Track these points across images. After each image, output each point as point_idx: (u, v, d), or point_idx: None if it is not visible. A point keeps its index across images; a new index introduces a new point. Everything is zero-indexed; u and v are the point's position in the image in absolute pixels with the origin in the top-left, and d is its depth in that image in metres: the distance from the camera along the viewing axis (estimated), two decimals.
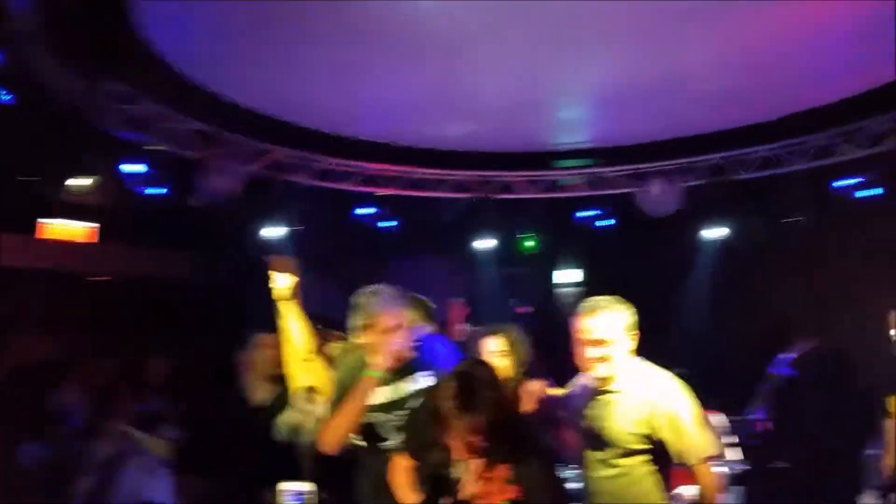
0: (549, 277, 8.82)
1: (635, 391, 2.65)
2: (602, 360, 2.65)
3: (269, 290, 3.09)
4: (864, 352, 5.64)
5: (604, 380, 2.70)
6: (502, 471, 2.33)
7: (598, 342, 2.65)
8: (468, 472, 2.36)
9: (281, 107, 6.66)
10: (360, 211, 8.17)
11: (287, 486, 2.22)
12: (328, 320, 3.67)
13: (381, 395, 2.84)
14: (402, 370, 2.90)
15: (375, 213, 8.22)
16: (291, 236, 7.47)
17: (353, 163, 7.73)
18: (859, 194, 6.49)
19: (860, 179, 6.44)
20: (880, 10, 4.55)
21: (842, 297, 6.44)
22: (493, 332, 3.08)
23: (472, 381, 2.35)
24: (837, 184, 6.63)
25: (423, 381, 2.90)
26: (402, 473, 2.56)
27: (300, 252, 7.51)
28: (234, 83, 6.06)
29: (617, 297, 2.75)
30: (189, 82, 5.89)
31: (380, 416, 2.83)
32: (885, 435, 3.82)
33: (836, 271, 6.64)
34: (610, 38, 5.24)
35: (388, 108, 6.81)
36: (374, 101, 6.60)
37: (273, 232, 7.39)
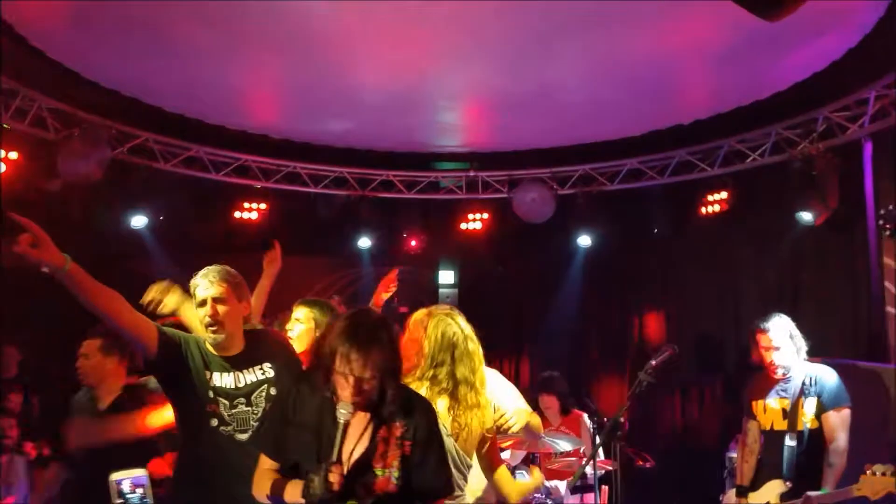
0: (430, 278, 8.87)
1: None
2: None
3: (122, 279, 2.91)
4: (733, 356, 6.11)
5: None
6: (396, 428, 2.18)
7: None
8: (356, 430, 2.18)
9: (150, 91, 6.29)
10: (231, 203, 7.81)
11: (122, 475, 2.04)
12: None
13: (224, 381, 2.76)
14: (245, 358, 2.83)
15: (249, 207, 7.90)
16: (155, 226, 7.04)
17: (227, 153, 7.41)
18: (715, 209, 6.95)
19: (714, 196, 6.91)
20: (739, 39, 4.90)
21: (708, 303, 6.91)
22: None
23: (369, 318, 2.20)
24: (697, 197, 7.06)
25: (269, 371, 2.85)
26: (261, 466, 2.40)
27: (165, 243, 7.11)
28: (97, 64, 5.69)
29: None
30: (45, 57, 5.45)
31: (223, 402, 2.74)
32: (748, 436, 4.03)
33: (699, 278, 7.12)
34: (487, 44, 5.32)
35: (265, 99, 6.61)
36: (249, 92, 6.38)
37: (136, 220, 6.93)
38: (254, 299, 3.53)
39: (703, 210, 7.00)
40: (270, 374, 2.86)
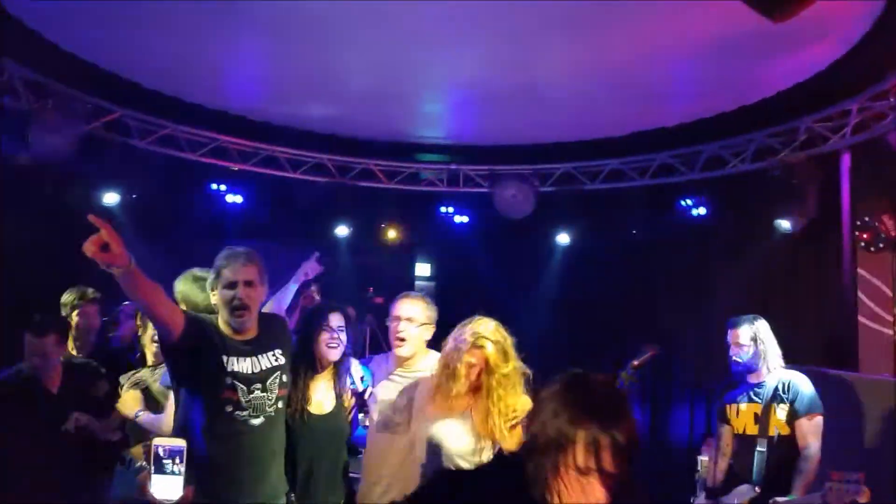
0: (407, 269, 8.83)
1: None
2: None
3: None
4: (705, 360, 6.16)
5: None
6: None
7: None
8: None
9: (129, 66, 6.14)
10: (207, 185, 7.68)
11: (161, 441, 1.99)
12: None
13: (242, 366, 2.73)
14: (259, 343, 2.81)
15: (225, 190, 7.77)
16: (127, 204, 6.87)
17: (204, 133, 7.26)
18: (694, 213, 7.02)
19: (695, 200, 6.96)
20: (727, 44, 4.91)
21: (683, 305, 6.97)
22: (337, 309, 3.13)
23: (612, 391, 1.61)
24: (675, 201, 7.11)
25: (280, 357, 2.84)
26: None
27: (138, 222, 6.95)
28: (76, 36, 5.52)
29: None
30: (23, 26, 5.27)
31: (241, 387, 2.71)
32: (721, 440, 4.04)
33: (675, 281, 7.18)
34: (474, 37, 5.28)
35: (247, 80, 6.49)
36: (231, 72, 6.25)
37: (108, 197, 6.76)
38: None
39: (682, 213, 7.05)
40: (282, 360, 2.86)
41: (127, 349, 4.32)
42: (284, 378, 2.85)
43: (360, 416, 3.35)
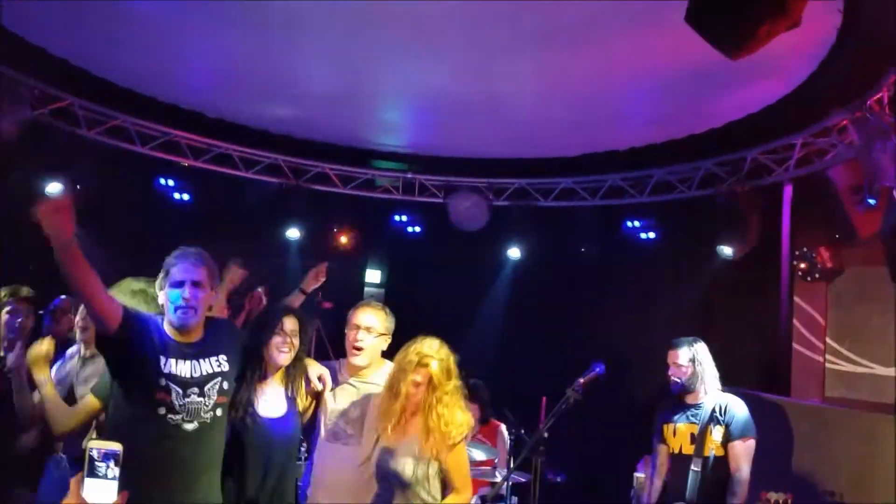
0: (357, 276, 8.76)
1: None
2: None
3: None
4: (645, 378, 6.28)
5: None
6: None
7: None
8: None
9: (80, 54, 5.95)
10: (155, 180, 7.48)
11: (97, 444, 1.91)
12: None
13: (180, 368, 2.66)
14: (203, 347, 2.74)
15: (174, 186, 7.58)
16: (70, 194, 6.63)
17: (155, 126, 7.07)
18: (641, 235, 7.19)
19: (642, 222, 7.14)
20: (683, 73, 5.06)
21: (627, 325, 7.10)
22: (292, 312, 3.06)
23: None
24: (623, 222, 7.28)
25: (223, 364, 2.77)
26: None
27: (78, 213, 6.69)
28: (24, 19, 5.30)
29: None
30: None
31: (176, 390, 2.64)
32: (657, 458, 4.12)
33: (620, 300, 7.32)
34: (437, 48, 5.30)
35: (204, 75, 6.36)
36: (188, 65, 6.12)
37: (50, 187, 6.51)
38: None
39: (630, 234, 7.22)
40: (225, 367, 2.79)
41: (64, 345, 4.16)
42: (225, 385, 2.78)
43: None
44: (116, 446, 1.84)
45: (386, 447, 2.95)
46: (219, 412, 2.75)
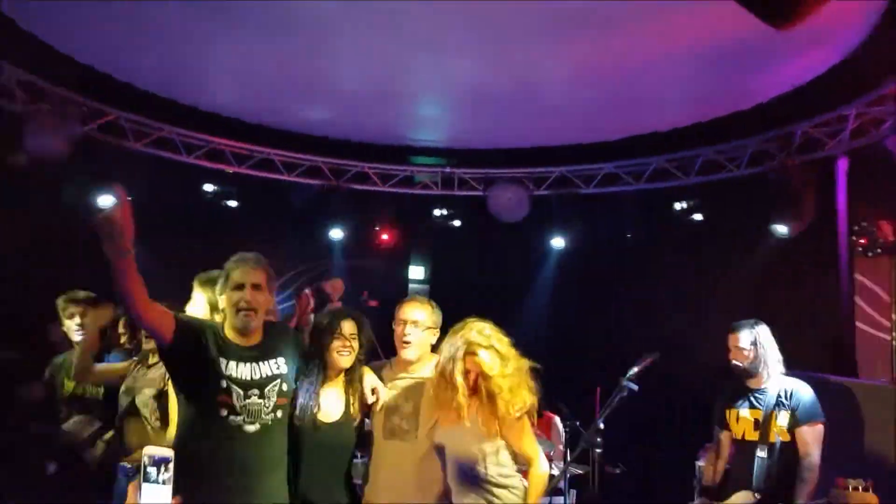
0: (401, 272, 8.79)
1: None
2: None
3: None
4: (703, 365, 6.16)
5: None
6: None
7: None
8: None
9: (124, 68, 6.11)
10: (203, 187, 7.62)
11: (150, 451, 1.95)
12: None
13: (240, 371, 2.72)
14: (262, 350, 2.81)
15: (220, 192, 7.71)
16: (126, 205, 6.78)
17: (198, 135, 7.22)
18: (690, 218, 7.02)
19: (690, 204, 6.97)
20: (723, 48, 4.91)
21: (679, 311, 6.97)
22: (349, 316, 3.07)
23: None
24: (671, 205, 7.12)
25: (282, 366, 2.83)
26: None
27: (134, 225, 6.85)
28: (71, 38, 5.48)
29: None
30: (17, 28, 5.22)
31: (236, 392, 2.69)
32: (719, 444, 4.03)
33: (671, 286, 7.18)
34: (467, 40, 5.27)
35: (241, 82, 6.44)
36: (227, 74, 6.21)
37: (103, 200, 6.70)
38: None
39: (678, 218, 7.05)
40: (284, 369, 2.85)
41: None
42: (285, 387, 2.82)
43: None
44: (168, 452, 1.87)
45: (445, 433, 2.94)
46: (279, 414, 2.79)
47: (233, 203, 7.69)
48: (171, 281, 3.34)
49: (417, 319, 3.12)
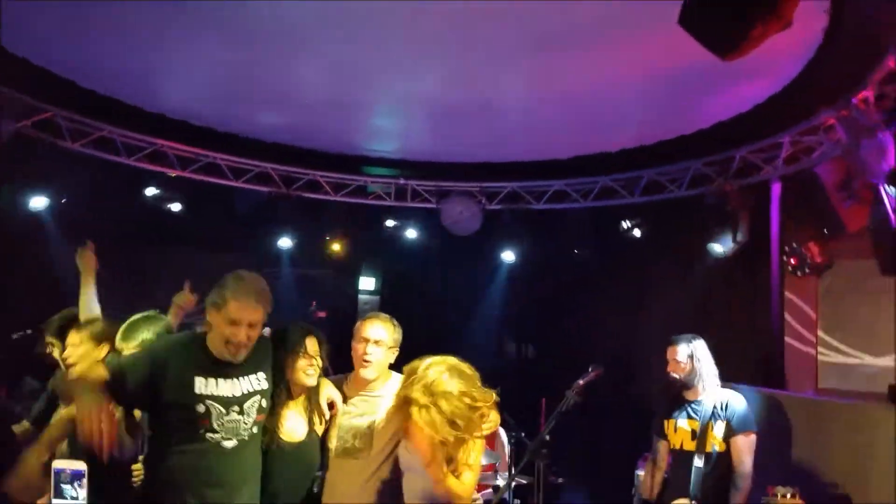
0: (351, 283, 8.74)
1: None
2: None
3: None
4: (642, 378, 6.33)
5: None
6: None
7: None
8: None
9: (63, 64, 5.87)
10: (143, 191, 7.41)
11: (62, 463, 1.87)
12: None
13: (221, 388, 2.65)
14: (244, 366, 2.73)
15: (162, 196, 7.50)
16: (56, 208, 6.56)
17: (142, 137, 7.01)
18: (633, 235, 7.24)
19: (633, 222, 7.20)
20: (672, 75, 5.11)
21: (622, 325, 7.15)
22: (311, 332, 3.00)
23: None
24: (617, 222, 7.33)
25: (263, 381, 2.78)
26: None
27: (66, 228, 6.63)
28: (6, 30, 5.20)
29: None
30: None
31: (217, 410, 2.63)
32: (657, 454, 4.17)
33: (615, 301, 7.37)
34: (427, 53, 5.31)
35: (190, 83, 6.30)
36: (174, 74, 6.06)
37: (35, 201, 6.44)
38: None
39: (622, 235, 7.27)
40: (265, 385, 2.79)
41: None
42: (264, 403, 2.77)
43: None
44: (81, 465, 1.80)
45: (407, 457, 2.89)
46: (255, 430, 2.76)
47: (177, 207, 7.50)
48: (115, 286, 3.26)
49: (380, 338, 3.08)
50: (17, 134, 6.02)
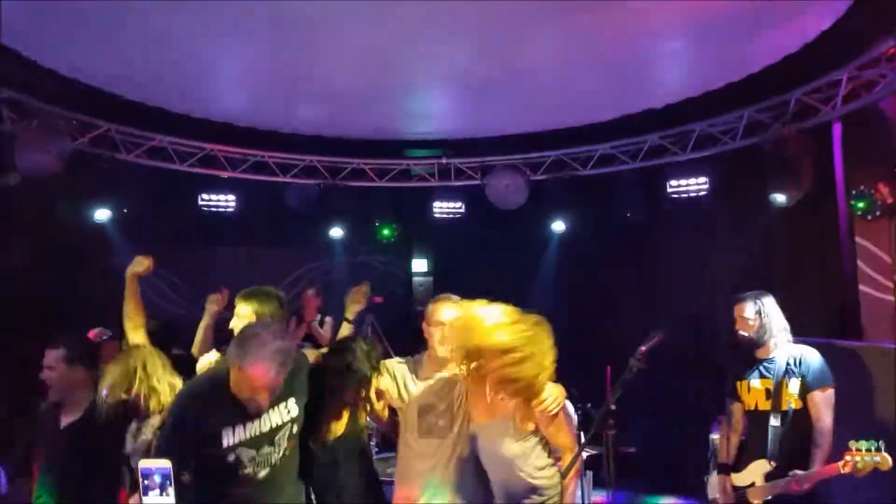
0: (404, 267, 8.78)
1: None
2: None
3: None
4: (710, 339, 6.17)
5: None
6: None
7: None
8: None
9: (111, 80, 6.05)
10: (198, 195, 7.62)
11: (149, 463, 1.93)
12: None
13: (249, 430, 2.63)
14: (273, 398, 2.66)
15: (217, 198, 7.70)
16: (119, 219, 6.81)
17: (191, 143, 7.20)
18: (688, 193, 7.00)
19: (687, 179, 6.96)
20: (710, 21, 4.88)
21: (683, 287, 6.96)
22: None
23: None
24: (670, 181, 7.10)
25: (293, 408, 2.76)
26: None
27: (128, 237, 6.88)
28: (54, 52, 5.41)
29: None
30: (2, 47, 5.17)
31: (248, 453, 2.64)
32: (732, 416, 4.04)
33: (674, 262, 7.17)
34: (455, 28, 5.21)
35: (230, 86, 6.41)
36: (215, 79, 6.18)
37: (99, 214, 6.70)
38: (198, 337, 3.66)
39: (676, 194, 7.05)
40: (295, 412, 2.77)
41: None
42: (295, 429, 2.77)
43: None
44: (167, 464, 1.82)
45: (479, 430, 2.92)
46: (288, 452, 2.77)
47: (232, 207, 7.67)
48: (179, 286, 3.35)
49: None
50: (76, 151, 6.25)
